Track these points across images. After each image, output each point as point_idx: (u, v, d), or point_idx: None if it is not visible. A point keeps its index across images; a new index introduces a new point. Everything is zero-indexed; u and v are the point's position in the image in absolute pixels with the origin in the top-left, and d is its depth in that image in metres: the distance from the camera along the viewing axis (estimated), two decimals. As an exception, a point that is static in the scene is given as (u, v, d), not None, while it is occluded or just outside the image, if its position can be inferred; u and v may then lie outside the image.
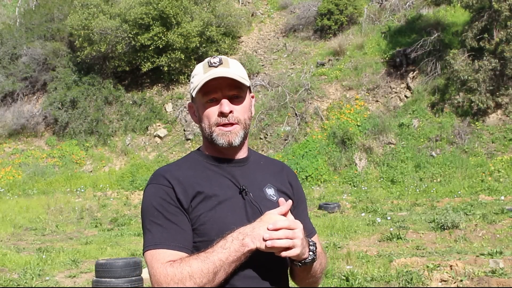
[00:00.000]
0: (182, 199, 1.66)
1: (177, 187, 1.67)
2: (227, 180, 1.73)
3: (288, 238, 1.56)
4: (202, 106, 1.74)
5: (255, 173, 1.79)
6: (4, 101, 24.75)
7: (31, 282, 8.27)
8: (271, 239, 1.54)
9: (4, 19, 28.48)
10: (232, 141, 1.71)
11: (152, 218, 1.65)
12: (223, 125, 1.71)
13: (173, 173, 1.71)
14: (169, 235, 1.62)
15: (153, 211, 1.65)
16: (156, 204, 1.65)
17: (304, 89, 20.89)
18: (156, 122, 22.67)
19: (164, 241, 1.61)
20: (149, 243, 1.63)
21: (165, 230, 1.62)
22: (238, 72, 1.74)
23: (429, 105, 18.95)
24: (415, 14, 22.65)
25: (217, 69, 1.71)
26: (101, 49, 22.39)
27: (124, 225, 14.13)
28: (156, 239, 1.62)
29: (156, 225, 1.64)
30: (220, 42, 23.62)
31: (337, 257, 8.76)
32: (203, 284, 1.52)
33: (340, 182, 17.77)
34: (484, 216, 11.20)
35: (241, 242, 1.55)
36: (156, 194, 1.67)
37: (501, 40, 17.21)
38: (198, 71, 1.76)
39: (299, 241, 1.58)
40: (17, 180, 21.05)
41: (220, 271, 1.53)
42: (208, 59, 1.75)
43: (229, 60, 1.76)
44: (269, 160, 1.91)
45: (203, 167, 1.75)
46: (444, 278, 7.17)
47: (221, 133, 1.71)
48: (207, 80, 1.68)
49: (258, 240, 1.54)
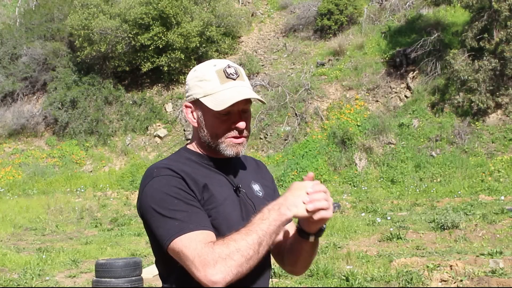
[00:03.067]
0: (195, 190, 1.65)
1: (187, 179, 1.65)
2: (223, 178, 1.75)
3: (325, 200, 1.59)
4: (212, 116, 1.71)
5: (241, 171, 1.82)
6: (4, 101, 24.75)
7: (31, 282, 8.27)
8: (312, 202, 1.56)
9: (4, 19, 28.49)
10: (240, 151, 1.73)
11: (172, 207, 1.59)
12: (234, 136, 1.72)
13: (178, 167, 1.68)
14: (197, 219, 1.59)
15: (172, 200, 1.60)
16: (173, 193, 1.61)
17: (304, 89, 20.89)
18: (156, 122, 22.67)
19: (197, 224, 1.57)
20: (178, 228, 1.56)
21: (192, 215, 1.59)
22: (248, 84, 1.75)
23: (429, 105, 18.95)
24: (415, 14, 22.65)
25: (236, 82, 1.70)
26: (101, 49, 22.39)
27: (124, 225, 14.14)
28: (185, 223, 1.56)
29: (180, 212, 1.58)
30: (220, 42, 23.63)
31: (337, 257, 8.76)
32: (250, 256, 1.51)
33: (340, 182, 17.77)
34: (484, 216, 11.19)
35: (278, 211, 1.55)
36: (169, 184, 1.62)
37: (501, 40, 17.21)
38: (210, 77, 1.71)
39: (331, 202, 1.62)
40: (17, 180, 21.05)
41: (263, 242, 1.53)
42: (224, 68, 1.71)
43: (240, 69, 1.76)
44: (243, 157, 1.91)
45: (197, 165, 1.74)
46: (444, 278, 7.17)
47: (231, 144, 1.71)
48: (238, 100, 1.65)
49: (295, 207, 1.56)
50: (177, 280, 1.66)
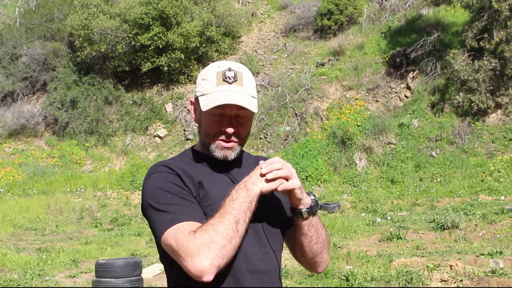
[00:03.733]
0: (190, 187, 1.70)
1: (183, 176, 1.71)
2: (226, 177, 1.77)
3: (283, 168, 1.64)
4: (205, 115, 1.75)
5: (247, 171, 1.81)
6: (4, 101, 24.75)
7: (31, 282, 8.27)
8: (270, 172, 1.62)
9: (4, 19, 28.50)
10: (228, 156, 1.75)
11: (165, 201, 1.64)
12: (223, 140, 1.74)
13: (176, 164, 1.75)
14: (189, 211, 1.63)
15: (166, 194, 1.66)
16: (168, 188, 1.67)
17: (304, 89, 20.89)
18: (156, 122, 22.67)
19: (185, 215, 1.61)
20: (170, 220, 1.60)
21: (184, 208, 1.64)
22: (250, 91, 1.74)
23: (429, 105, 18.95)
24: (415, 14, 22.65)
25: (230, 86, 1.71)
26: (101, 49, 22.39)
27: (124, 225, 14.13)
28: (176, 215, 1.61)
29: (173, 205, 1.63)
30: (220, 42, 23.63)
31: (337, 257, 8.76)
32: (230, 236, 1.54)
33: (340, 182, 17.77)
34: (484, 216, 11.20)
35: (245, 189, 1.61)
36: (164, 179, 1.69)
37: (501, 40, 17.21)
38: (210, 78, 1.74)
39: (295, 173, 1.66)
40: (17, 180, 21.05)
41: (240, 220, 1.56)
42: (223, 71, 1.73)
43: (243, 74, 1.75)
44: (254, 158, 1.94)
45: (201, 164, 1.79)
46: (444, 278, 7.17)
47: (219, 147, 1.74)
48: (221, 104, 1.68)
49: (259, 181, 1.62)
50: (178, 275, 1.67)
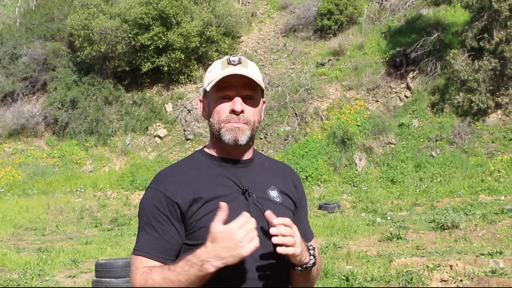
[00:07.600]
0: (181, 203, 1.69)
1: (174, 194, 1.69)
2: (230, 181, 1.74)
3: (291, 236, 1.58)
4: (214, 102, 1.76)
5: (259, 175, 1.80)
6: (4, 101, 24.73)
7: (31, 282, 8.27)
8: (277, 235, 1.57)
9: (4, 19, 28.48)
10: (239, 138, 1.72)
11: (142, 224, 1.73)
12: (233, 121, 1.73)
13: (174, 178, 1.74)
14: (151, 244, 1.69)
15: (143, 217, 1.74)
16: (148, 210, 1.72)
17: (304, 89, 20.89)
18: (156, 122, 22.67)
19: (144, 248, 1.69)
20: (137, 247, 1.72)
21: (149, 238, 1.70)
22: (255, 74, 1.76)
23: (429, 105, 18.95)
24: (415, 14, 22.65)
25: (235, 67, 1.74)
26: (101, 49, 22.38)
27: (124, 225, 14.12)
28: (139, 245, 1.71)
29: (143, 231, 1.72)
30: (220, 42, 23.62)
31: (337, 257, 8.75)
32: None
33: (340, 182, 17.77)
34: (484, 216, 11.20)
35: (200, 268, 1.53)
36: (151, 199, 1.73)
37: (501, 40, 17.21)
38: (216, 67, 1.79)
39: (299, 241, 1.60)
40: (17, 180, 21.04)
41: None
42: (228, 57, 1.78)
43: (248, 61, 1.79)
44: (273, 162, 1.92)
45: (206, 168, 1.77)
46: (444, 278, 7.17)
47: (230, 128, 1.72)
48: (224, 76, 1.71)
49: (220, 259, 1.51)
50: None
